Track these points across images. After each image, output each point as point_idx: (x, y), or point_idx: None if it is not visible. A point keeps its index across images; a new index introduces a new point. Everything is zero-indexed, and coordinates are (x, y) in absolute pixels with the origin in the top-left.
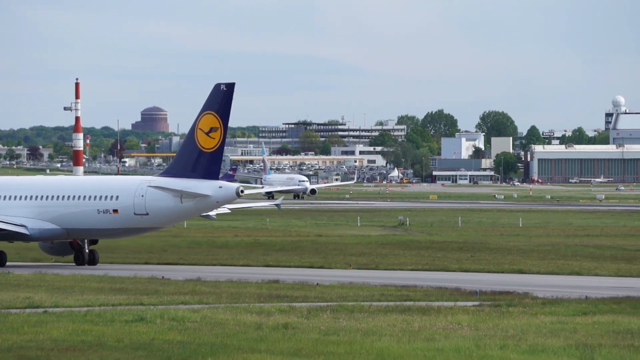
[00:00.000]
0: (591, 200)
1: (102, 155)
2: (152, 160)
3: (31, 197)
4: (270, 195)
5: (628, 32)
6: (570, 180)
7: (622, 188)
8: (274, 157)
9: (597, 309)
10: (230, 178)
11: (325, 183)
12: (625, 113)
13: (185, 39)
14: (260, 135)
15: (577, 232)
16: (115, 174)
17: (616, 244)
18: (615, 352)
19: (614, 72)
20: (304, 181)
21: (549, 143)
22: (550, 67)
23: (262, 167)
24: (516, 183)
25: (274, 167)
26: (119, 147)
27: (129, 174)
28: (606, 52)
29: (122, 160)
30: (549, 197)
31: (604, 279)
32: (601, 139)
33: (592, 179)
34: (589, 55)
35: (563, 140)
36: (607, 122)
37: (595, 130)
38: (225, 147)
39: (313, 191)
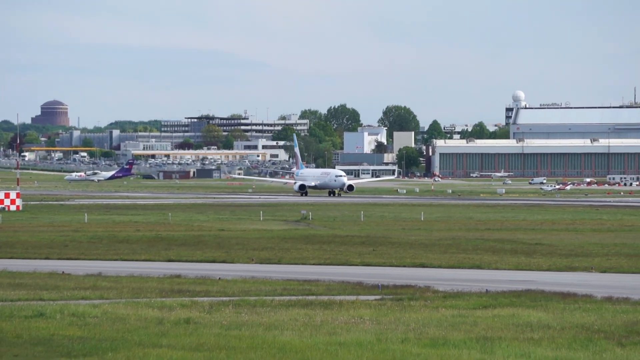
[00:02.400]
0: (491, 195)
1: (2, 149)
2: (53, 154)
3: None
4: (303, 192)
5: (528, 27)
6: (471, 175)
7: (510, 182)
8: (176, 151)
9: (497, 302)
10: (127, 172)
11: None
12: (525, 108)
13: (85, 32)
14: (163, 129)
15: (477, 226)
16: (15, 168)
17: (516, 237)
18: (515, 345)
19: (514, 67)
20: (340, 176)
21: (451, 137)
22: (452, 62)
23: (294, 162)
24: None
25: (176, 162)
26: (18, 141)
27: (28, 168)
28: (506, 47)
29: (22, 154)
30: (450, 191)
31: (504, 272)
32: (502, 133)
33: (493, 173)
34: (490, 50)
35: (464, 134)
36: (508, 117)
37: (496, 125)
38: (127, 142)
39: (350, 187)
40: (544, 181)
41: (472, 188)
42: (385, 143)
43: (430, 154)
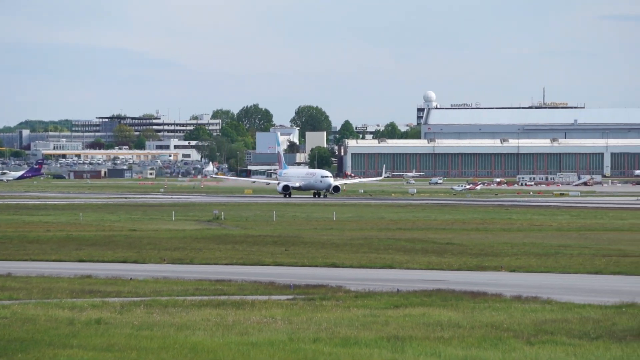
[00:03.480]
0: (403, 195)
1: None
2: None
3: None
4: (287, 193)
5: (439, 28)
6: (386, 174)
7: (413, 181)
8: (87, 151)
9: (409, 301)
10: (36, 172)
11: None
12: (436, 108)
13: None
14: (74, 129)
15: (389, 226)
16: None
17: (427, 237)
18: (426, 344)
19: (425, 68)
20: (327, 177)
21: (363, 137)
22: (364, 63)
23: (278, 161)
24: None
25: (87, 162)
26: None
27: None
28: (417, 48)
29: None
30: (362, 191)
31: (415, 272)
32: (413, 133)
33: (404, 173)
34: (401, 50)
35: (376, 134)
36: (419, 117)
37: (407, 125)
38: (37, 142)
39: (336, 188)
40: (440, 181)
41: (383, 188)
42: (298, 143)
43: (342, 153)
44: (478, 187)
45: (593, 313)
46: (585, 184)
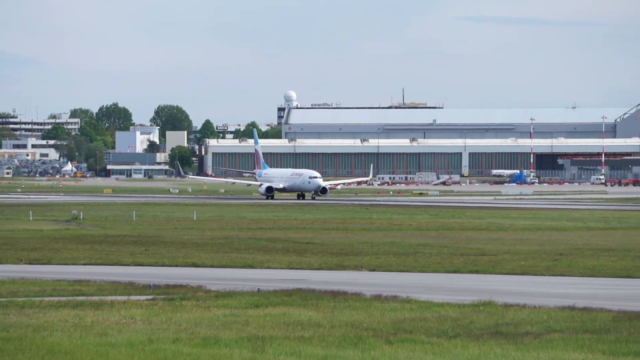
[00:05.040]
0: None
1: None
2: None
3: None
4: (270, 195)
5: (298, 28)
6: (244, 174)
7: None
8: None
9: (269, 301)
10: None
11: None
12: (297, 108)
13: None
14: None
15: (250, 225)
16: None
17: (288, 236)
18: (286, 344)
19: (286, 67)
20: (315, 178)
21: (224, 137)
22: (225, 62)
23: (256, 161)
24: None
25: None
26: None
27: None
28: (278, 47)
29: None
30: (223, 190)
31: (276, 271)
32: (274, 133)
33: None
34: (262, 50)
35: (237, 134)
36: (280, 117)
37: (268, 125)
38: None
39: (324, 190)
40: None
41: (243, 187)
42: (158, 142)
43: (203, 153)
44: (339, 187)
45: (451, 312)
46: (444, 183)
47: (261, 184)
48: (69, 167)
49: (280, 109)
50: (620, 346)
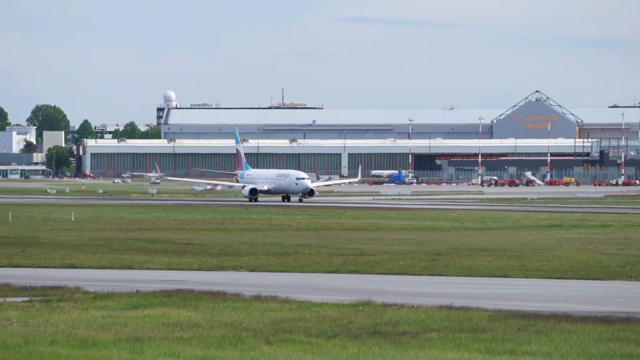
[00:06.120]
0: (143, 195)
1: None
2: None
3: None
4: (254, 197)
5: (178, 27)
6: (122, 175)
7: (159, 181)
8: None
9: (148, 302)
10: None
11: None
12: (176, 108)
13: None
14: None
15: (129, 226)
16: None
17: (167, 237)
18: (165, 344)
19: (165, 67)
20: (303, 179)
21: (102, 137)
22: (103, 62)
23: (237, 161)
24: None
25: None
26: None
27: None
28: (157, 48)
29: None
30: (102, 191)
31: (155, 272)
32: (153, 133)
33: (145, 174)
34: (141, 50)
35: (116, 134)
36: (159, 117)
37: (147, 125)
38: None
39: (312, 192)
40: (157, 180)
41: (123, 188)
42: (35, 142)
43: (82, 153)
44: (219, 188)
45: (330, 312)
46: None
47: (244, 186)
48: None
49: (160, 109)
50: (495, 345)
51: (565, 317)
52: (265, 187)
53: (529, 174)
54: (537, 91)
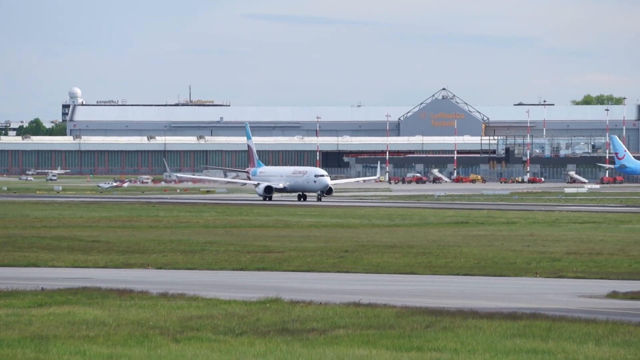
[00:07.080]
0: (48, 192)
1: None
2: None
3: None
4: (269, 195)
5: (84, 23)
6: (27, 172)
7: (31, 178)
8: None
9: (53, 300)
10: None
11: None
12: (82, 105)
13: None
14: None
15: (34, 224)
16: None
17: (73, 234)
18: (71, 343)
19: (71, 64)
20: (322, 176)
21: (6, 134)
22: (5, 58)
23: (249, 158)
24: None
25: None
26: None
27: None
28: (62, 44)
29: None
30: (6, 188)
31: (61, 270)
32: (59, 130)
33: (50, 171)
34: (45, 45)
35: (20, 131)
36: (65, 114)
37: (52, 122)
38: None
39: (330, 190)
40: (30, 178)
41: (28, 185)
42: None
43: None
44: (125, 185)
45: (238, 309)
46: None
47: (258, 184)
48: None
49: (65, 106)
50: (403, 341)
51: (472, 313)
52: (281, 185)
53: (435, 171)
54: (444, 89)
